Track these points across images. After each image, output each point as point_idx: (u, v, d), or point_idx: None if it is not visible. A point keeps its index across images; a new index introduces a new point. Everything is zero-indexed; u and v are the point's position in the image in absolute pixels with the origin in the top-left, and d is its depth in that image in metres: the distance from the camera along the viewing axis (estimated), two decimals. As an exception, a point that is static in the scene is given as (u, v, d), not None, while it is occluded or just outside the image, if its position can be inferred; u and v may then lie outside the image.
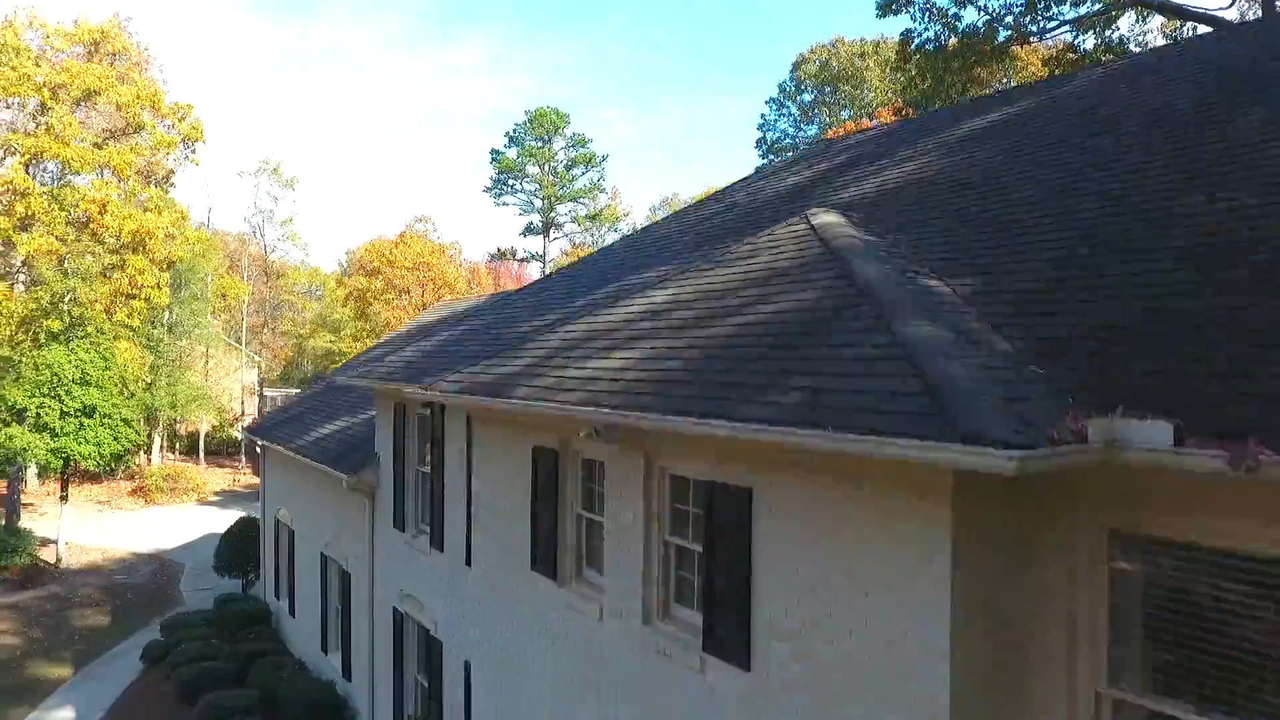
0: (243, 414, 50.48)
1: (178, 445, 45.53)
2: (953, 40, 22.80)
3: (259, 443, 19.96)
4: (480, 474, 8.08)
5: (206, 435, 46.22)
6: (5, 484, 27.19)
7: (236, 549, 20.32)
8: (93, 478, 36.69)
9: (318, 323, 52.78)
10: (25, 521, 25.04)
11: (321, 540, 15.16)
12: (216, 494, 37.64)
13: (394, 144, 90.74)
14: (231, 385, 46.75)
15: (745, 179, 13.41)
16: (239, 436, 49.97)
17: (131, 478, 37.53)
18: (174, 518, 31.67)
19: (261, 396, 49.66)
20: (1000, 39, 22.33)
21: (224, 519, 29.12)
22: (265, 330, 49.07)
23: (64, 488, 23.95)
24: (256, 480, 38.70)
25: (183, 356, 40.39)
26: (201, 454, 44.65)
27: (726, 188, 12.91)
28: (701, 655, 5.10)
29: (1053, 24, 22.36)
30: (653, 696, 5.50)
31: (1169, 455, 3.21)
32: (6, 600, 20.43)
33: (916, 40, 23.30)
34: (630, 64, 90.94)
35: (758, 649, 4.69)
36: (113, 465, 24.63)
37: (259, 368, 49.96)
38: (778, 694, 4.55)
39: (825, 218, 6.64)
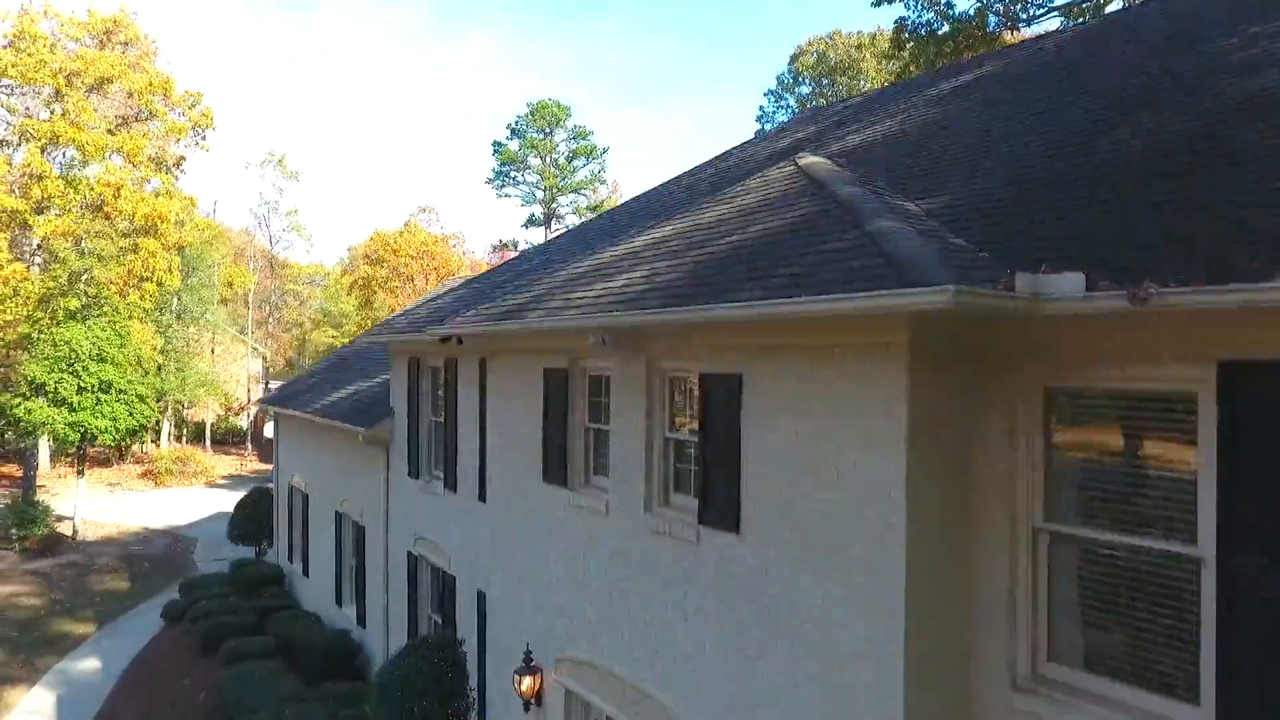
0: (248, 403, 51.16)
1: (185, 433, 46.17)
2: (945, 27, 23.47)
3: (272, 413, 20.64)
4: (494, 406, 8.73)
5: (212, 425, 46.91)
6: (19, 465, 27.89)
7: (250, 518, 20.99)
8: (103, 461, 37.42)
9: (320, 317, 53.53)
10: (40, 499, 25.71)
11: (336, 500, 15.82)
12: (224, 478, 38.32)
13: (397, 137, 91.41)
14: (238, 372, 47.38)
15: (740, 144, 14.08)
16: (244, 426, 50.72)
17: (140, 461, 38.23)
18: (184, 498, 32.36)
19: (266, 388, 50.38)
20: (991, 26, 23.01)
21: (233, 500, 29.84)
22: (270, 321, 49.69)
23: (80, 462, 24.61)
24: (264, 466, 39.43)
25: (190, 343, 41.08)
26: (208, 442, 45.32)
27: (721, 154, 13.59)
28: (698, 529, 5.76)
29: (1041, 10, 23.06)
30: (648, 555, 6.18)
31: (1082, 302, 3.88)
32: (28, 567, 21.12)
33: (910, 27, 23.98)
34: (630, 60, 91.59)
35: (746, 514, 5.36)
36: (128, 440, 25.26)
37: (264, 359, 50.65)
38: (765, 548, 5.22)
39: (811, 159, 7.30)
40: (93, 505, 27.90)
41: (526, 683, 7.56)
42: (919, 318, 4.24)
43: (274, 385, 50.46)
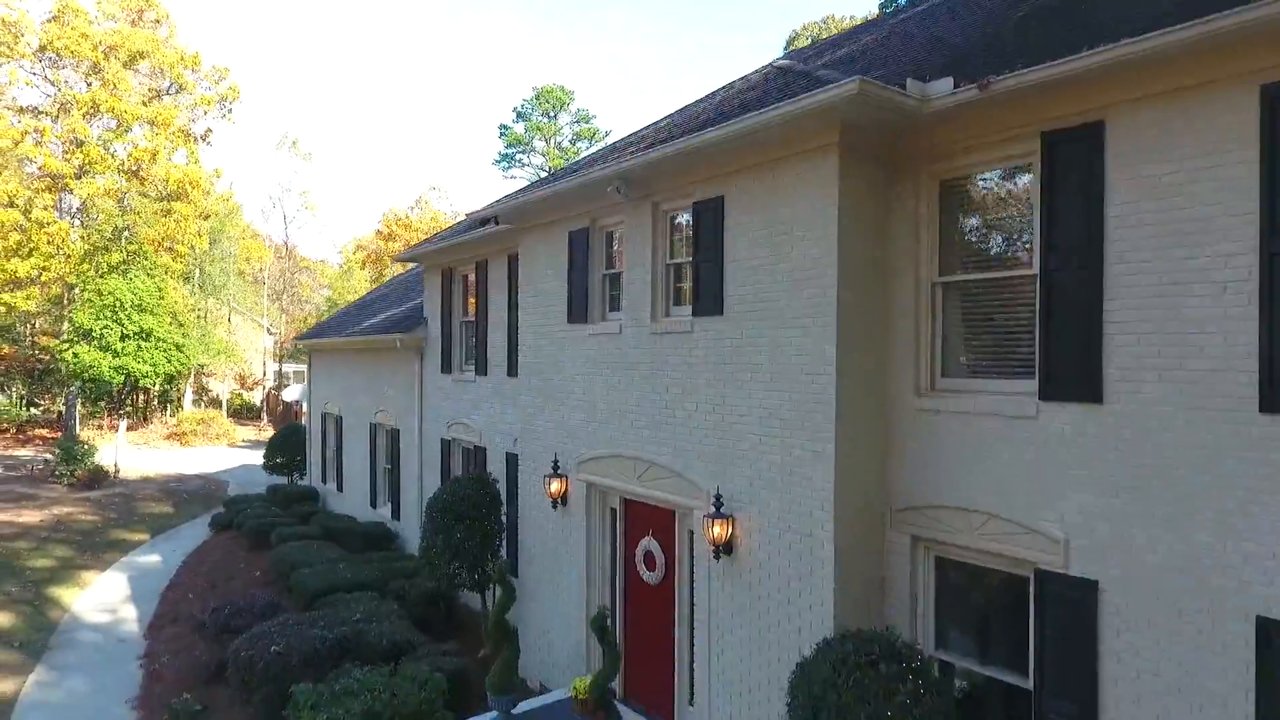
0: (264, 377, 52.96)
1: (204, 402, 47.95)
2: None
3: (305, 350, 22.41)
4: (524, 277, 10.47)
5: (227, 400, 48.66)
6: (52, 428, 29.62)
7: (282, 451, 22.75)
8: (129, 428, 39.21)
9: (326, 307, 55.46)
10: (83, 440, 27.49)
11: (371, 414, 17.61)
12: (245, 441, 40.05)
13: (405, 120, 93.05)
14: (255, 340, 49.09)
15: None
16: (256, 402, 52.47)
17: (165, 424, 40.00)
18: (210, 454, 34.10)
19: (280, 372, 52.19)
20: None
21: (257, 456, 31.66)
22: (285, 296, 51.49)
23: (120, 405, 26.36)
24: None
25: (210, 314, 42.85)
26: (225, 413, 47.11)
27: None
28: (691, 321, 7.57)
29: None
30: (655, 357, 7.99)
31: (949, 96, 5.67)
32: (79, 495, 22.91)
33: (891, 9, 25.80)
34: (630, 47, 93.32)
35: (728, 300, 7.15)
36: (166, 385, 27.01)
37: (279, 334, 52.44)
38: (741, 321, 7.01)
39: (785, 61, 9.11)
40: (125, 459, 29.66)
41: (555, 485, 9.36)
42: (844, 122, 6.03)
43: (288, 368, 52.37)
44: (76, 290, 26.64)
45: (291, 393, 45.81)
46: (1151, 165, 5.03)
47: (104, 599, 14.30)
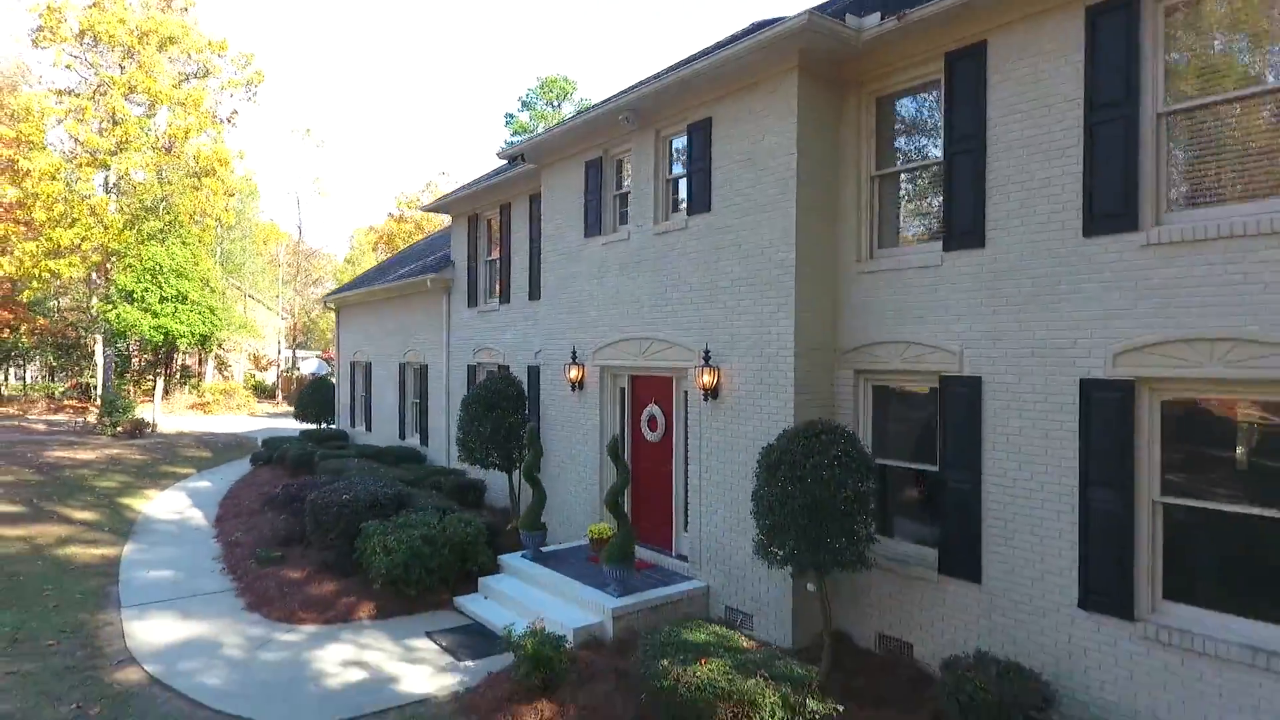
0: (278, 359, 54.85)
1: (223, 380, 49.85)
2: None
3: (334, 308, 24.31)
4: (547, 205, 12.37)
5: (243, 379, 50.58)
6: (79, 399, 31.48)
7: (312, 400, 24.61)
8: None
9: (345, 269, 57.49)
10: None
11: (400, 355, 19.52)
12: (265, 413, 41.99)
13: (413, 109, 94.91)
14: (268, 323, 50.97)
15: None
16: (268, 382, 54.39)
17: (187, 396, 41.91)
18: (233, 420, 36.01)
19: (294, 353, 54.21)
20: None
21: (279, 423, 33.63)
22: (297, 280, 53.39)
23: (156, 364, 28.25)
24: (291, 426, 43.09)
25: (229, 292, 44.70)
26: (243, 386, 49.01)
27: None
28: (687, 219, 9.48)
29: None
30: (658, 256, 9.90)
31: (879, 26, 7.59)
32: (125, 442, 24.83)
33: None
34: (630, 38, 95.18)
35: (715, 200, 9.06)
36: (201, 345, 28.89)
37: (293, 314, 54.39)
38: (726, 214, 8.93)
39: (762, 19, 11.00)
40: (158, 419, 31.58)
41: (574, 372, 11.28)
42: (800, 50, 7.95)
43: (301, 354, 54.32)
44: (113, 260, 28.53)
45: (309, 364, 47.70)
46: (1016, 71, 6.95)
47: (169, 506, 16.22)
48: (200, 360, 44.25)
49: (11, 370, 43.09)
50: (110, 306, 26.56)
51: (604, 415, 11.02)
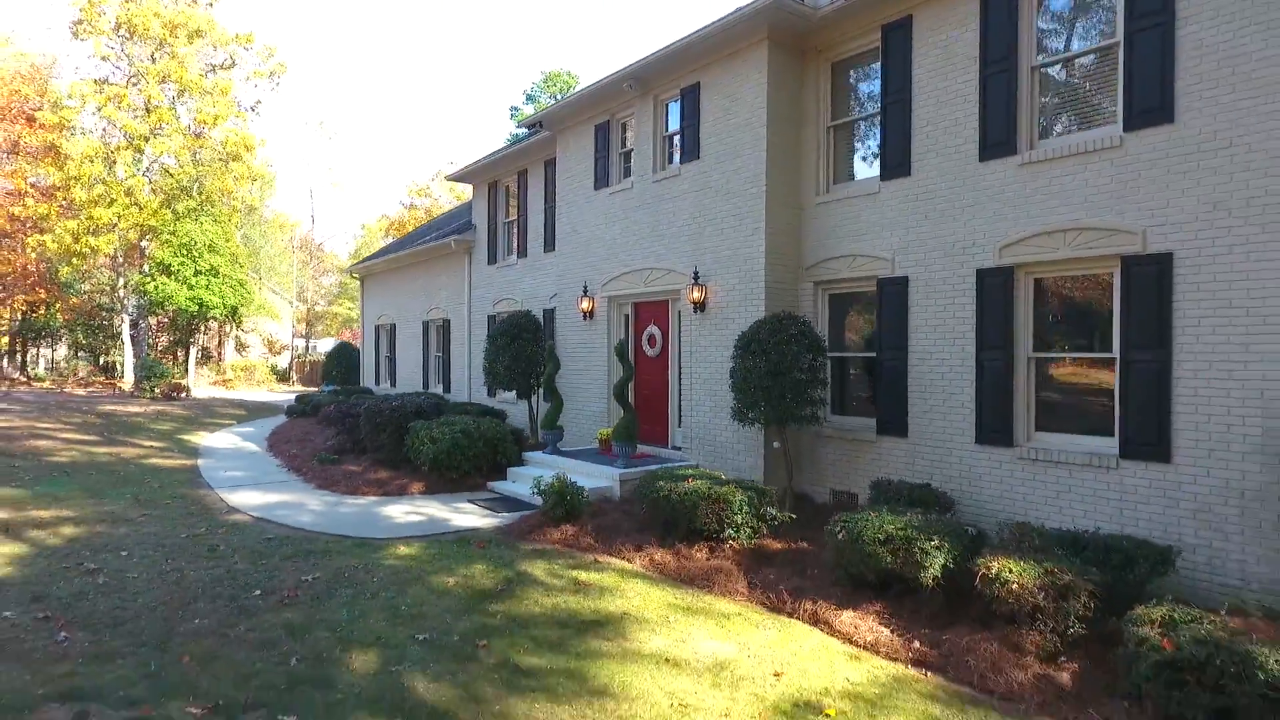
0: (291, 346, 56.81)
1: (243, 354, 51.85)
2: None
3: (358, 278, 26.32)
4: (562, 167, 14.41)
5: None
6: (107, 377, 33.44)
7: (338, 364, 26.69)
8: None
9: (337, 292, 59.54)
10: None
11: (423, 314, 21.55)
12: (283, 389, 44.06)
13: (421, 102, 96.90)
14: (281, 310, 52.99)
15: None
16: (281, 366, 56.39)
17: (209, 374, 43.93)
18: (256, 393, 38.10)
19: (307, 339, 56.24)
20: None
21: (283, 403, 35.65)
22: (309, 268, 55.40)
23: (189, 334, 30.28)
24: (311, 389, 45.15)
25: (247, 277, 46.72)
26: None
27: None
28: (680, 168, 11.53)
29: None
30: (655, 200, 11.95)
31: (829, 6, 9.63)
32: (164, 403, 26.87)
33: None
34: (628, 31, 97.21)
35: (703, 150, 11.11)
36: (232, 316, 30.91)
37: (306, 303, 56.41)
38: (711, 162, 10.97)
39: (745, 5, 13.04)
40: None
41: (585, 304, 13.32)
42: (769, 24, 9.99)
43: (314, 343, 56.35)
44: (148, 238, 30.58)
45: (326, 344, 49.70)
46: (934, 38, 8.99)
47: (223, 441, 18.26)
48: (220, 342, 46.25)
49: (41, 351, 45.05)
50: (149, 279, 28.59)
51: (611, 338, 13.06)
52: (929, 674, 5.68)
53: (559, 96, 57.07)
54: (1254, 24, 6.55)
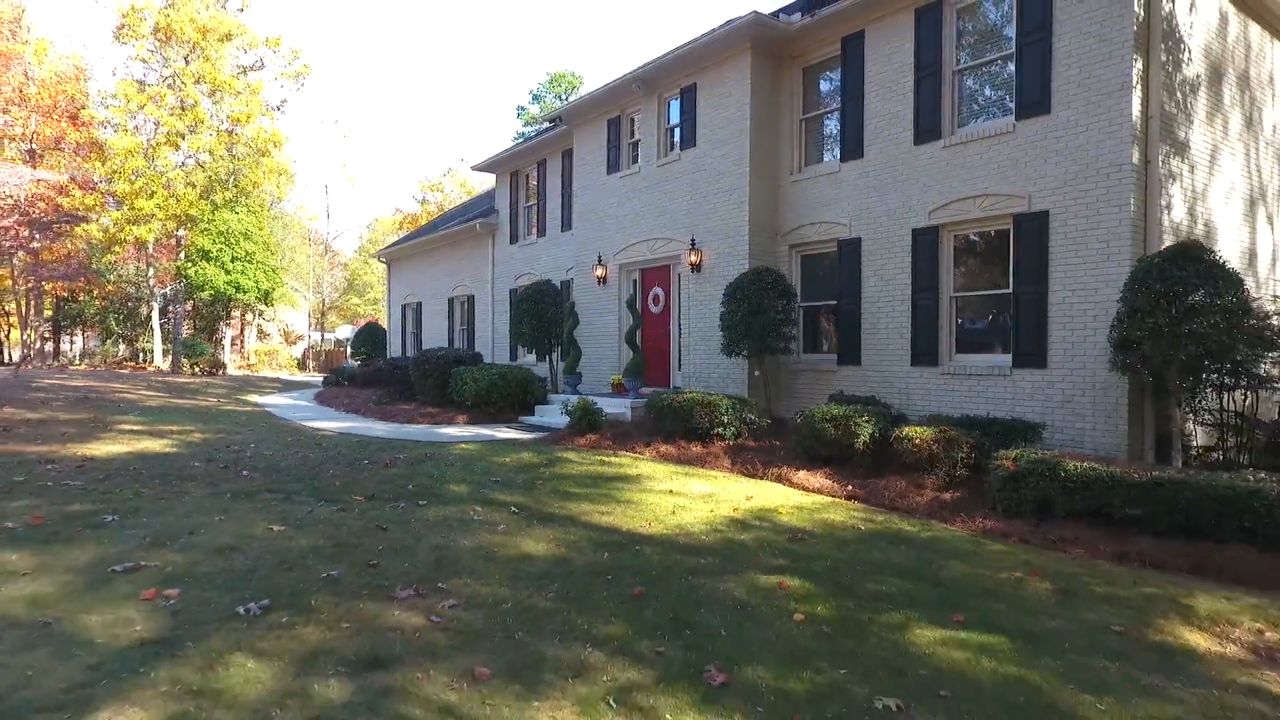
0: (307, 336, 59.19)
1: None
2: None
3: (385, 263, 28.65)
4: (579, 155, 16.76)
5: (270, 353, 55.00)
6: (137, 362, 35.83)
7: (366, 342, 29.01)
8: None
9: (345, 285, 62.13)
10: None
11: (449, 291, 23.91)
12: (303, 375, 46.44)
13: (431, 101, 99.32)
14: (296, 301, 55.37)
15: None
16: (296, 356, 58.76)
17: (246, 360, 46.32)
18: (283, 375, 40.48)
19: (322, 329, 58.68)
20: None
21: (317, 381, 37.99)
22: (324, 259, 57.80)
23: (228, 315, 32.62)
24: (327, 377, 47.52)
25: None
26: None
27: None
28: (680, 153, 13.89)
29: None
30: (659, 181, 14.31)
31: (801, 20, 11.99)
32: (206, 378, 29.26)
33: None
34: (628, 32, 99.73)
35: (700, 138, 13.47)
36: (265, 299, 33.27)
37: (322, 294, 58.79)
38: (705, 148, 13.33)
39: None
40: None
41: (599, 271, 15.69)
42: (752, 37, 12.35)
43: (329, 335, 58.78)
44: (186, 227, 32.95)
45: (344, 331, 52.07)
46: (882, 48, 11.34)
47: (277, 400, 20.62)
48: (242, 329, 48.61)
49: (73, 338, 47.41)
50: (190, 264, 30.97)
51: (622, 298, 15.43)
52: (855, 501, 8.06)
53: (564, 96, 59.50)
54: (1095, 37, 8.92)
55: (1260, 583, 5.90)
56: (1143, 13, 8.83)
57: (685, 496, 7.87)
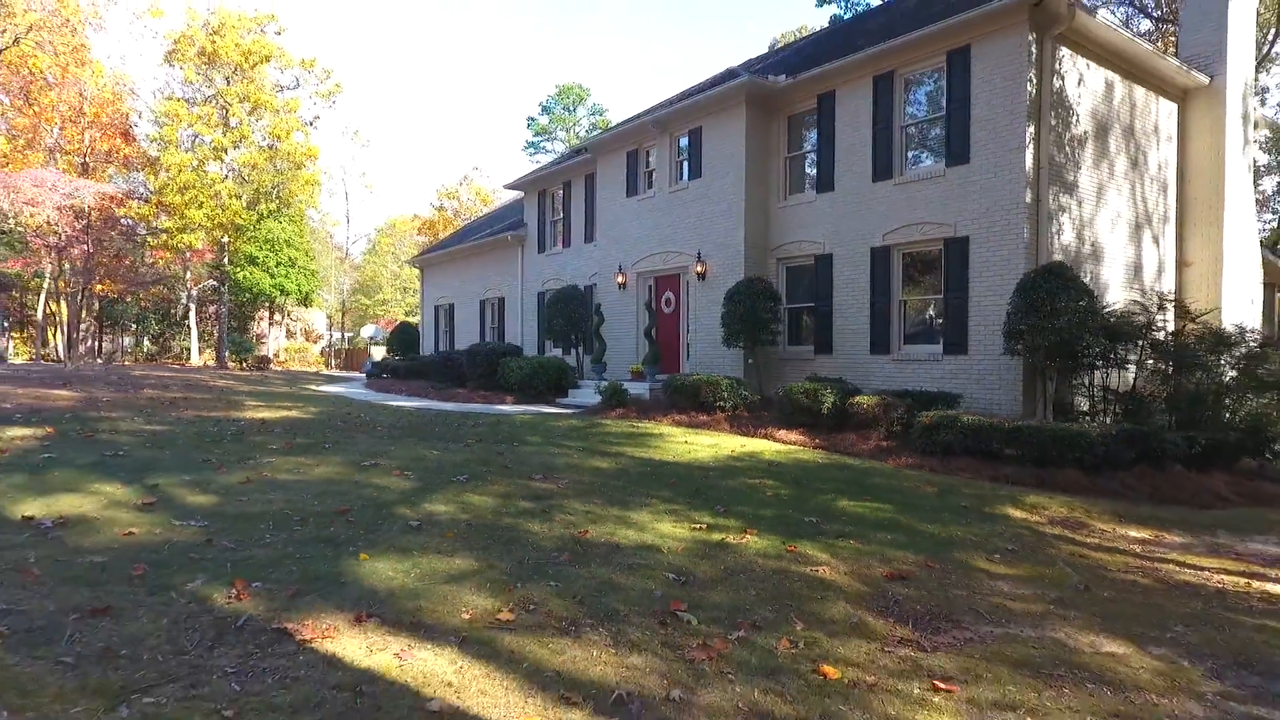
0: (328, 335, 62.24)
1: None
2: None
3: (419, 270, 31.71)
4: (602, 179, 19.83)
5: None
6: (171, 358, 38.94)
7: (401, 341, 32.07)
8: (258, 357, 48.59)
9: (355, 287, 65.42)
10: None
11: (480, 294, 26.99)
12: (328, 372, 49.51)
13: (444, 114, 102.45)
14: (313, 316, 58.42)
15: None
16: (317, 353, 61.77)
17: (274, 358, 49.35)
18: (321, 372, 43.53)
19: (342, 329, 61.85)
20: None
21: (353, 375, 41.09)
22: (345, 263, 60.90)
23: (271, 315, 35.69)
24: (350, 374, 50.59)
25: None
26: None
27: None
28: (688, 184, 16.99)
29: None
30: (670, 205, 17.40)
31: (784, 82, 15.09)
32: (258, 372, 32.33)
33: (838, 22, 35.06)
34: (632, 47, 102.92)
35: (705, 169, 16.57)
36: (306, 300, 36.37)
37: (343, 297, 61.91)
38: (708, 180, 16.44)
39: (732, 68, 18.52)
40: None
41: (620, 278, 18.78)
42: (746, 93, 15.43)
43: (348, 334, 61.90)
44: (229, 235, 36.05)
45: (368, 330, 55.18)
46: (848, 105, 14.43)
47: (336, 389, 23.67)
48: (269, 328, 51.67)
49: (115, 339, 50.44)
50: (238, 269, 34.08)
51: (639, 301, 18.53)
52: (820, 450, 11.16)
53: (571, 108, 62.64)
54: (1000, 108, 12.02)
55: (1081, 491, 8.99)
56: (1034, 90, 11.94)
57: (696, 445, 10.96)
